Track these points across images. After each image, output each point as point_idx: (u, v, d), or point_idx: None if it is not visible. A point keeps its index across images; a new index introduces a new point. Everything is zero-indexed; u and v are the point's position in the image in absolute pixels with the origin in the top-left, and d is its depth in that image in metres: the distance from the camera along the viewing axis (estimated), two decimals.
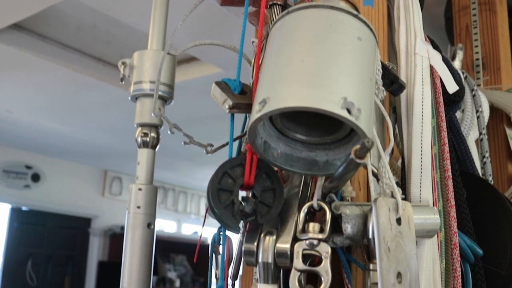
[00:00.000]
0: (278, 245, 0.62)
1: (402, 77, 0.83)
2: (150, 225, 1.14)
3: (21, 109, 4.20)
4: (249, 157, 0.62)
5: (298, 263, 0.61)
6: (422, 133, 0.79)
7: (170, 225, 6.47)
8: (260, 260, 0.62)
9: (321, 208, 0.63)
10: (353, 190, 0.69)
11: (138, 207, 1.06)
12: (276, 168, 0.65)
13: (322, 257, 0.60)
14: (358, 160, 0.51)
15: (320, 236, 0.61)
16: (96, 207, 5.81)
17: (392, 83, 0.76)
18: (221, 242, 0.73)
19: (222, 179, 0.62)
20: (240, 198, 0.62)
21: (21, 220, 5.37)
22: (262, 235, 0.63)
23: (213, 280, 0.75)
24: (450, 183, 0.86)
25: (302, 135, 0.63)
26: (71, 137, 4.83)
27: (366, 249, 0.69)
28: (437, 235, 0.82)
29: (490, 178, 1.17)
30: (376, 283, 0.61)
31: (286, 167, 0.63)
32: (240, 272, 0.84)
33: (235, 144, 0.72)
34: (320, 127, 0.63)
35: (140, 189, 1.02)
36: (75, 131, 4.67)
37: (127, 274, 1.15)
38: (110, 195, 5.92)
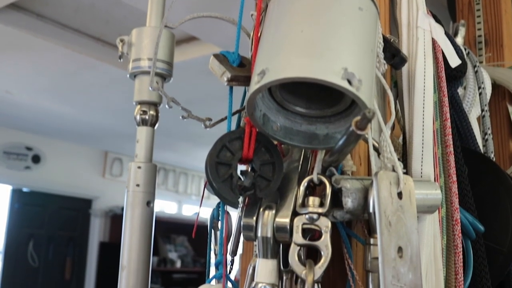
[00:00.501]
0: (277, 219, 0.61)
1: (404, 50, 0.81)
2: (149, 203, 1.13)
3: (20, 90, 4.19)
4: (248, 130, 0.61)
5: (297, 237, 0.60)
6: (423, 107, 0.78)
7: (171, 206, 6.48)
8: (259, 234, 0.61)
9: (321, 182, 0.62)
10: (353, 165, 0.68)
11: (138, 185, 1.06)
12: (275, 142, 0.64)
13: (322, 231, 0.60)
14: (358, 132, 0.50)
15: (320, 210, 0.60)
16: (97, 188, 5.81)
17: (394, 56, 0.75)
18: (219, 218, 0.72)
19: (220, 152, 0.61)
20: (239, 172, 0.61)
21: (22, 201, 5.38)
22: (261, 209, 0.62)
23: (212, 256, 0.74)
24: (451, 158, 0.85)
25: (301, 108, 0.62)
26: (71, 118, 4.81)
27: (367, 224, 0.68)
28: (438, 211, 0.81)
29: (492, 155, 1.16)
30: (377, 258, 0.60)
31: (285, 141, 0.61)
32: (240, 251, 0.84)
33: (234, 119, 0.71)
34: (320, 99, 0.62)
35: (139, 167, 1.01)
36: (75, 112, 4.66)
37: (126, 253, 1.14)
38: (110, 176, 5.92)
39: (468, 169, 0.94)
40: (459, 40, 1.32)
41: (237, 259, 0.75)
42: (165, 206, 6.42)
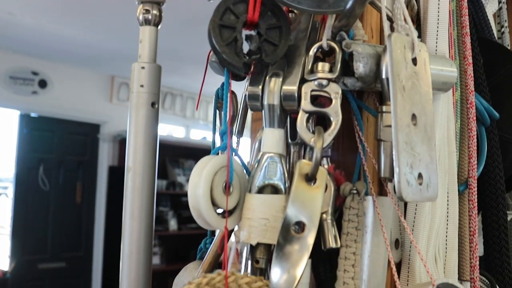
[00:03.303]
0: (284, 86, 0.58)
1: None
2: (154, 104, 1.11)
3: (23, 11, 4.10)
4: None
5: (306, 104, 0.57)
6: None
7: (178, 130, 6.47)
8: (265, 102, 0.58)
9: (331, 49, 0.59)
10: (365, 34, 0.65)
11: (142, 85, 1.03)
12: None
13: (332, 97, 0.57)
14: None
15: (330, 75, 0.57)
16: (104, 113, 5.79)
17: None
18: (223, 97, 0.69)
19: (224, 15, 0.57)
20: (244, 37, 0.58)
21: (31, 126, 5.38)
22: (268, 77, 0.59)
23: (217, 137, 0.71)
24: (467, 40, 0.81)
25: None
26: (76, 41, 4.74)
27: (378, 97, 0.65)
28: (453, 94, 0.78)
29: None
30: (389, 126, 0.58)
31: (293, 4, 0.57)
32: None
33: None
34: None
35: (143, 68, 0.98)
36: (80, 34, 4.58)
37: (132, 154, 1.13)
38: (118, 101, 5.89)
39: (484, 59, 0.90)
40: None
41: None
42: (173, 131, 6.41)
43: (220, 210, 0.58)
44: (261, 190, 0.57)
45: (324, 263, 0.63)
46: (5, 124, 5.36)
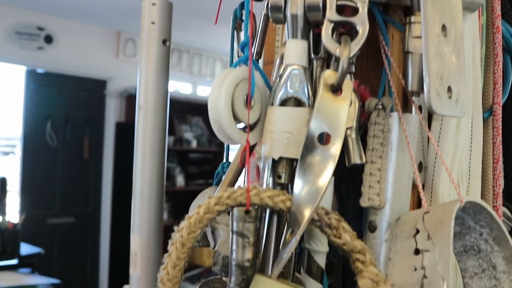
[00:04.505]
0: None
1: None
2: (165, 41, 1.08)
3: None
4: None
5: (331, 13, 0.54)
6: None
7: (185, 87, 6.43)
8: (288, 13, 0.56)
9: None
10: None
11: (153, 22, 1.01)
12: None
13: (358, 7, 0.54)
14: None
15: None
16: (111, 69, 5.75)
17: None
18: (243, 18, 0.66)
19: None
20: None
21: (37, 82, 5.35)
22: None
23: (234, 56, 0.69)
24: None
25: None
26: None
27: (404, 11, 0.62)
28: (478, 18, 0.75)
29: None
30: (418, 36, 0.55)
31: None
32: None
33: None
34: None
35: (154, 4, 0.96)
36: None
37: (143, 93, 1.11)
38: (124, 56, 5.84)
39: None
40: None
41: None
42: (179, 87, 6.37)
43: (241, 125, 0.57)
44: (284, 103, 0.55)
45: (347, 182, 0.62)
46: (12, 80, 5.34)
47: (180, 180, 5.96)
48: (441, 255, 0.50)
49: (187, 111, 6.20)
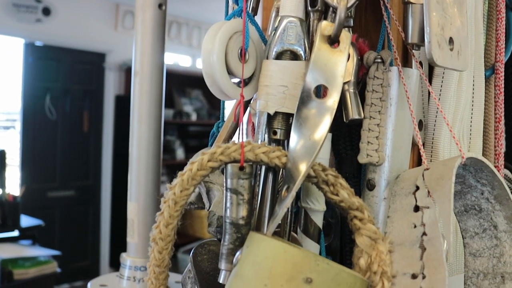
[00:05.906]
0: None
1: None
2: (161, 6, 1.06)
3: None
4: None
5: None
6: None
7: (184, 59, 6.38)
8: None
9: None
10: None
11: None
12: None
13: None
14: None
15: None
16: (110, 41, 5.70)
17: None
18: None
19: None
20: None
21: (36, 55, 5.30)
22: None
23: (230, 11, 0.67)
24: None
25: None
26: None
27: None
28: None
29: None
30: None
31: None
32: None
33: None
34: None
35: None
36: None
37: (139, 58, 1.09)
38: (123, 29, 5.78)
39: None
40: None
41: None
42: (179, 60, 6.32)
43: (235, 80, 0.55)
44: (279, 56, 0.53)
45: (345, 139, 0.60)
46: (11, 53, 5.30)
47: (180, 153, 5.95)
48: (441, 211, 0.49)
49: (186, 84, 6.17)
